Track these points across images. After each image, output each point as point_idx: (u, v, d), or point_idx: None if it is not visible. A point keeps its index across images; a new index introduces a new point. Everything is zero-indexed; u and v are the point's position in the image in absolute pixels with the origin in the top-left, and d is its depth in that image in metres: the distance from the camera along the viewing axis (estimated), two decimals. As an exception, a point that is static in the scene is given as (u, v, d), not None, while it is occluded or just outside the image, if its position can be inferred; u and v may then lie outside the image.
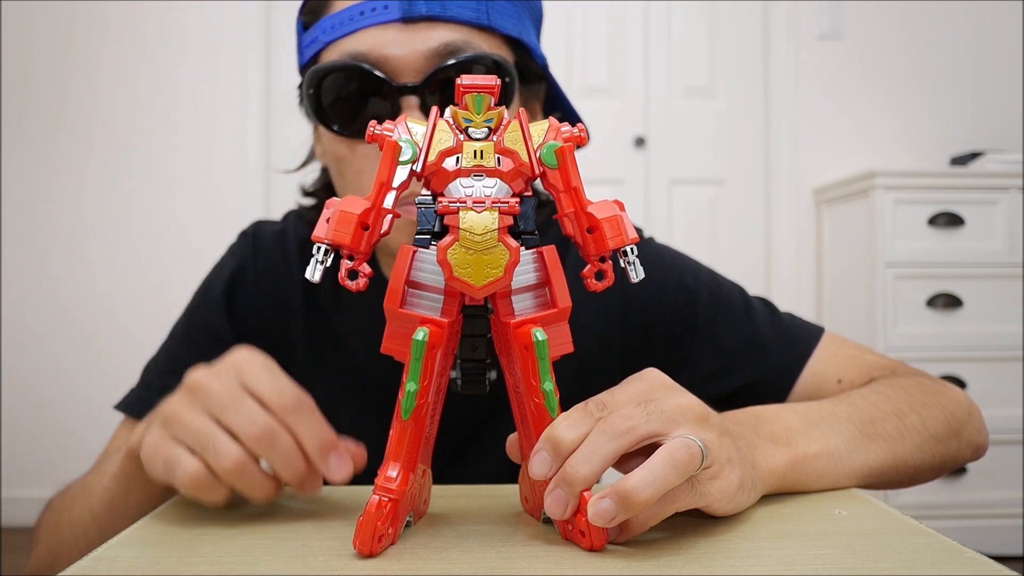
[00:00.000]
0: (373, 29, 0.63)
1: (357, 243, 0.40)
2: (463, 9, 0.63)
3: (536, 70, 0.71)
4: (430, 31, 0.63)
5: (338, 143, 0.67)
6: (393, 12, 0.62)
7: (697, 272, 0.77)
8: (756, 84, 2.59)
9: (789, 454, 0.51)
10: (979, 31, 2.55)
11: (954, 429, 0.63)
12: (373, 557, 0.40)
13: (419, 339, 0.39)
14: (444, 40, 0.62)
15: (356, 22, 0.63)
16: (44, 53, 2.45)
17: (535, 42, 0.71)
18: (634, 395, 0.43)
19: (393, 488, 0.40)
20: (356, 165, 0.66)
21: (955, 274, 2.10)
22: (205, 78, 2.49)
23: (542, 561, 0.39)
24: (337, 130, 0.66)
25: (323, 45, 0.66)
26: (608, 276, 0.42)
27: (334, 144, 0.67)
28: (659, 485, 0.38)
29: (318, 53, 0.67)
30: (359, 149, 0.66)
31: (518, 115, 0.42)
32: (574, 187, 0.42)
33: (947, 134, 2.54)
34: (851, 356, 0.72)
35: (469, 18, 0.64)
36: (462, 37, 0.63)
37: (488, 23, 0.64)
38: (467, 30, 0.64)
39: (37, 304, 2.46)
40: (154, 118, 2.48)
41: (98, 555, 0.41)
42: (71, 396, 2.43)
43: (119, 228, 2.47)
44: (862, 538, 0.43)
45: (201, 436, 0.44)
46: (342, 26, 0.64)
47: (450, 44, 0.62)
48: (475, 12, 0.64)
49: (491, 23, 0.64)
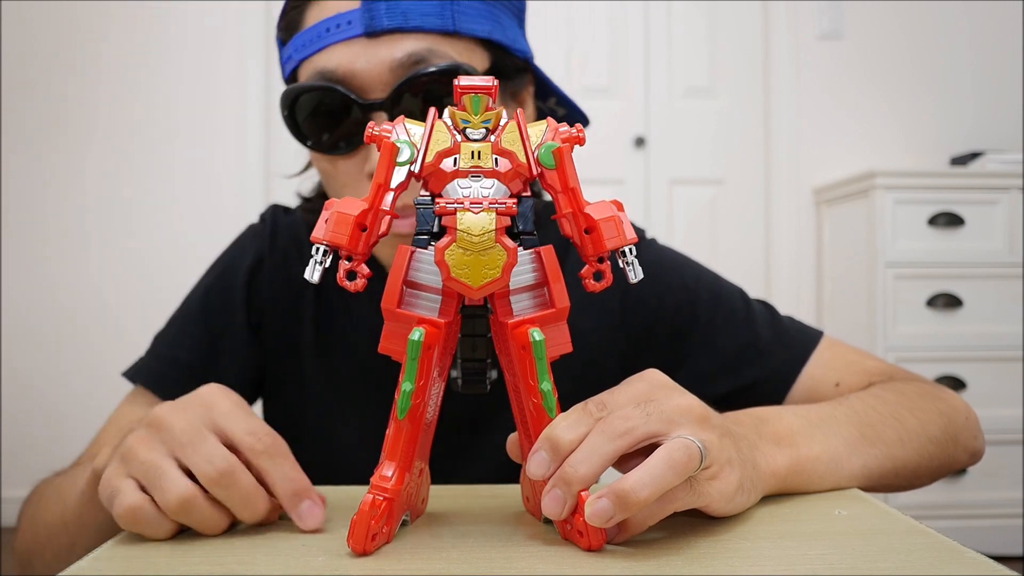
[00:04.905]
0: (340, 45, 0.63)
1: (355, 244, 0.40)
2: (427, 17, 0.63)
3: (517, 64, 0.70)
4: (395, 43, 0.62)
5: (321, 160, 0.68)
6: (356, 27, 0.62)
7: (698, 274, 0.77)
8: (756, 84, 2.59)
9: (790, 455, 0.51)
10: (979, 31, 2.55)
11: (951, 434, 0.63)
12: (367, 555, 0.40)
13: (415, 339, 0.39)
14: (408, 51, 0.62)
15: (323, 39, 0.63)
16: (44, 53, 2.45)
17: (513, 36, 0.70)
18: (634, 395, 0.43)
19: (388, 487, 0.40)
20: (339, 180, 0.67)
21: (955, 274, 2.10)
22: (205, 78, 2.49)
23: (542, 561, 0.39)
24: (315, 147, 0.67)
25: (297, 63, 0.66)
26: (606, 277, 0.42)
27: (318, 161, 0.69)
28: (657, 485, 0.38)
29: (294, 71, 0.68)
30: (340, 164, 0.66)
31: (516, 116, 0.42)
32: (572, 188, 0.42)
33: (947, 134, 2.54)
34: (849, 360, 0.72)
35: (434, 26, 0.63)
36: (427, 46, 0.63)
37: (454, 28, 0.64)
38: (433, 38, 0.63)
39: (37, 304, 2.46)
40: (154, 118, 2.48)
41: (98, 555, 0.41)
42: (71, 396, 2.43)
43: (119, 228, 2.47)
44: (862, 538, 0.43)
45: (149, 470, 0.43)
46: (311, 44, 0.64)
47: (414, 54, 0.62)
48: (440, 19, 0.63)
49: (457, 28, 0.64)
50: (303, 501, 0.44)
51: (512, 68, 0.69)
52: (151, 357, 0.76)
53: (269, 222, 0.80)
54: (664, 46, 2.58)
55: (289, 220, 0.80)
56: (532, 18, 0.82)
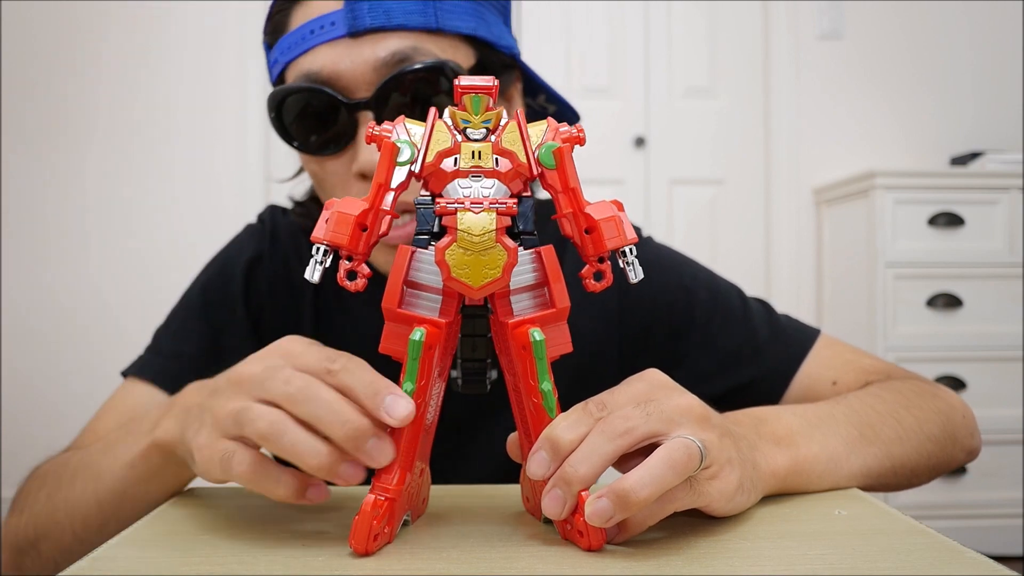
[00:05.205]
0: (324, 47, 0.63)
1: (355, 244, 0.40)
2: (410, 15, 0.63)
3: (504, 61, 0.70)
4: (378, 42, 0.62)
5: (309, 161, 0.68)
6: (340, 28, 0.62)
7: (695, 272, 0.77)
8: (756, 84, 2.59)
9: (790, 455, 0.51)
10: (979, 31, 2.55)
11: (949, 432, 0.63)
12: (369, 556, 0.40)
13: (416, 339, 0.39)
14: (392, 50, 0.62)
15: (308, 41, 0.64)
16: (44, 53, 2.45)
17: (499, 33, 0.70)
18: (634, 395, 0.43)
19: (390, 487, 0.40)
20: (328, 180, 0.67)
21: (955, 274, 2.10)
22: (205, 78, 2.49)
23: (542, 561, 0.39)
24: (302, 148, 0.67)
25: (283, 66, 0.67)
26: (607, 277, 0.42)
27: (307, 162, 0.69)
28: (657, 485, 0.38)
29: (281, 73, 0.68)
30: (327, 165, 0.67)
31: (516, 116, 0.42)
32: (572, 187, 0.42)
33: (947, 134, 2.54)
34: (846, 359, 0.72)
35: (417, 23, 0.63)
36: (411, 44, 0.63)
37: (437, 25, 0.63)
38: (416, 36, 0.63)
39: (37, 304, 2.45)
40: (154, 118, 2.48)
41: (98, 555, 0.41)
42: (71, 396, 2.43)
43: (119, 228, 2.47)
44: (862, 538, 0.43)
45: (237, 416, 0.42)
46: (296, 46, 0.65)
47: (398, 53, 0.62)
48: (422, 16, 0.63)
49: (440, 25, 0.64)
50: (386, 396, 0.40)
51: (498, 65, 0.69)
52: (152, 353, 0.76)
53: (268, 222, 0.81)
54: (664, 46, 2.58)
55: (288, 220, 0.81)
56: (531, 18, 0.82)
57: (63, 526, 0.59)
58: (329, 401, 0.40)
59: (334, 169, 0.66)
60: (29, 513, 0.62)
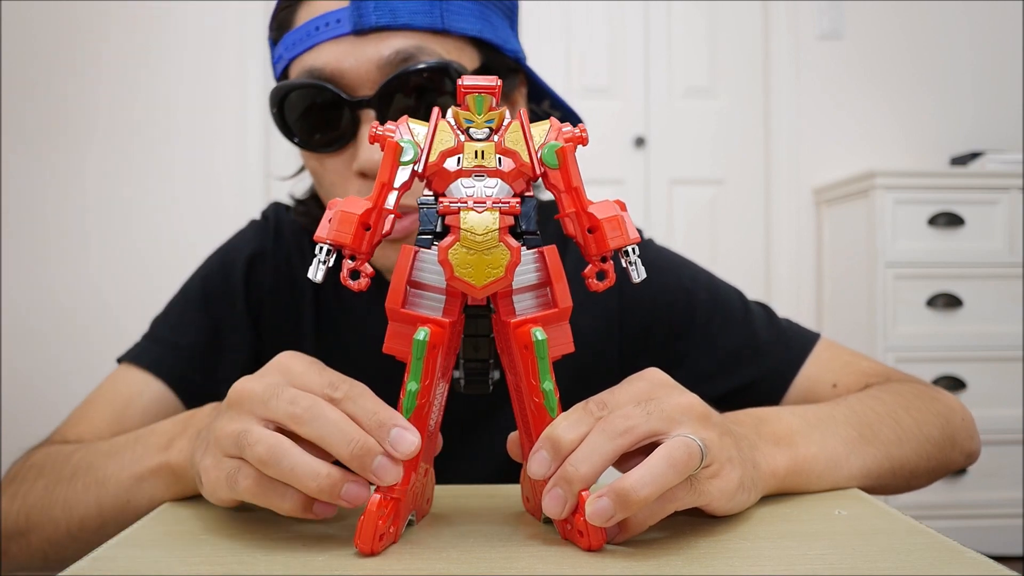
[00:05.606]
0: (328, 44, 0.63)
1: (358, 243, 0.40)
2: (415, 15, 0.63)
3: (509, 64, 0.70)
4: (383, 41, 0.62)
5: (310, 158, 0.68)
6: (345, 25, 0.62)
7: (695, 274, 0.77)
8: (756, 84, 2.59)
9: (790, 455, 0.51)
10: (979, 31, 2.55)
11: (948, 434, 0.63)
12: (374, 556, 0.40)
13: (420, 339, 0.39)
14: (396, 48, 0.62)
15: (313, 37, 0.64)
16: (44, 53, 2.45)
17: (505, 36, 0.69)
18: (634, 394, 0.43)
19: (395, 487, 0.40)
20: (327, 177, 0.67)
21: (955, 274, 2.10)
22: (205, 78, 2.49)
23: (542, 561, 0.39)
24: (304, 145, 0.67)
25: (287, 62, 0.67)
26: (609, 276, 0.42)
27: (307, 159, 0.69)
28: (657, 484, 0.38)
29: (285, 69, 0.68)
30: (328, 162, 0.66)
31: (519, 115, 0.42)
32: (575, 187, 0.42)
33: (947, 134, 2.54)
34: (846, 362, 0.73)
35: (422, 23, 0.63)
36: (415, 44, 0.62)
37: (443, 26, 0.63)
38: (421, 36, 0.63)
39: (37, 304, 2.45)
40: (154, 118, 2.48)
41: (98, 555, 0.41)
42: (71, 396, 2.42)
43: (119, 228, 2.47)
44: (862, 538, 0.43)
45: (238, 438, 0.41)
46: (301, 42, 0.64)
47: (402, 52, 0.62)
48: (428, 16, 0.63)
49: (446, 26, 0.63)
50: (391, 429, 0.40)
51: (503, 68, 0.69)
52: (150, 341, 0.76)
53: (272, 218, 0.81)
54: (664, 46, 2.58)
55: (291, 218, 0.81)
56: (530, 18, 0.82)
57: (58, 522, 0.59)
58: (335, 421, 0.40)
59: (334, 166, 0.66)
60: (23, 502, 0.61)
